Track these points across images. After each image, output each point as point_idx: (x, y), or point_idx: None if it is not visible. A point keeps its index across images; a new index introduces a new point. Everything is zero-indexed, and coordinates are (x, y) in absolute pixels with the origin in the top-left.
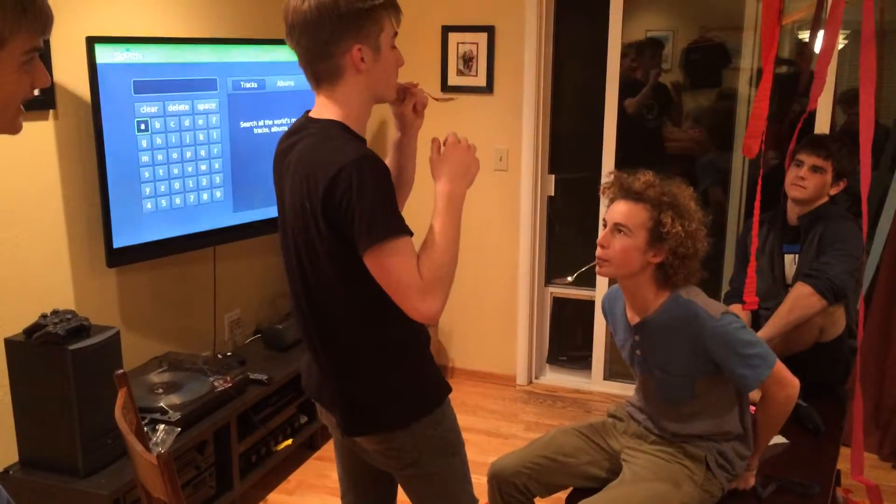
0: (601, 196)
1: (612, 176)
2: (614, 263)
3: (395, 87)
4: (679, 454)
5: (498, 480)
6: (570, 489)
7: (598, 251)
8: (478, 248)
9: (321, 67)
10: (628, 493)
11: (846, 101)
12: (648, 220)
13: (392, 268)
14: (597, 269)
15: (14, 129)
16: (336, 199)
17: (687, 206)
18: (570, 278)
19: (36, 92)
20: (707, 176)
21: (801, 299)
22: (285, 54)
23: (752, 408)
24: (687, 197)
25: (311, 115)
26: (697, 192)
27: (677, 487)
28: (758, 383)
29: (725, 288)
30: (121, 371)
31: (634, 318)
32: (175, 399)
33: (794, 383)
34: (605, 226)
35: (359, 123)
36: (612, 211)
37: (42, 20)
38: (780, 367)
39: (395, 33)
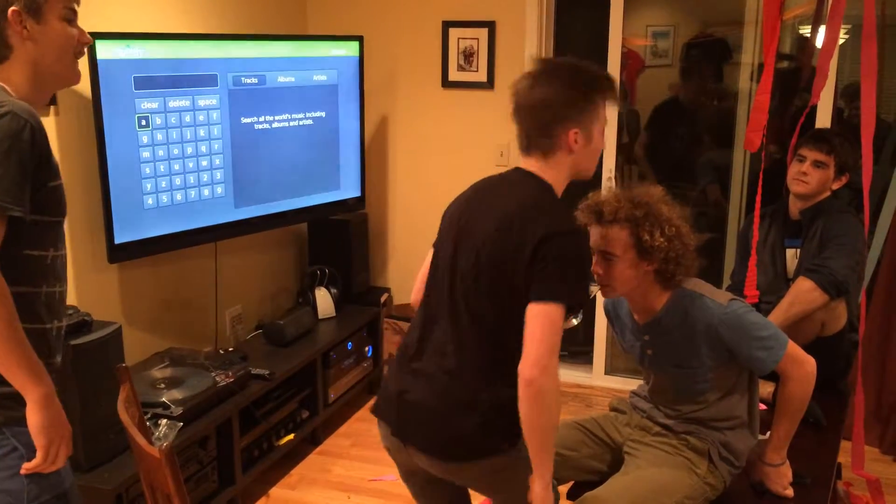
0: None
1: (581, 206)
2: (617, 287)
3: (595, 167)
4: (682, 446)
5: None
6: (572, 483)
7: (597, 278)
8: None
9: (539, 142)
10: (630, 484)
11: (847, 95)
12: (629, 237)
13: (540, 326)
14: (601, 294)
15: (76, 78)
16: (542, 251)
17: (661, 212)
18: (575, 321)
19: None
20: (706, 174)
21: (803, 294)
22: (286, 50)
23: (763, 405)
24: (658, 201)
25: (524, 167)
26: (697, 191)
27: (679, 479)
28: (774, 364)
29: (727, 282)
30: (122, 365)
31: (643, 319)
32: (177, 394)
33: (811, 360)
34: (593, 253)
35: (559, 191)
36: (594, 238)
37: None
38: (794, 346)
39: (606, 121)
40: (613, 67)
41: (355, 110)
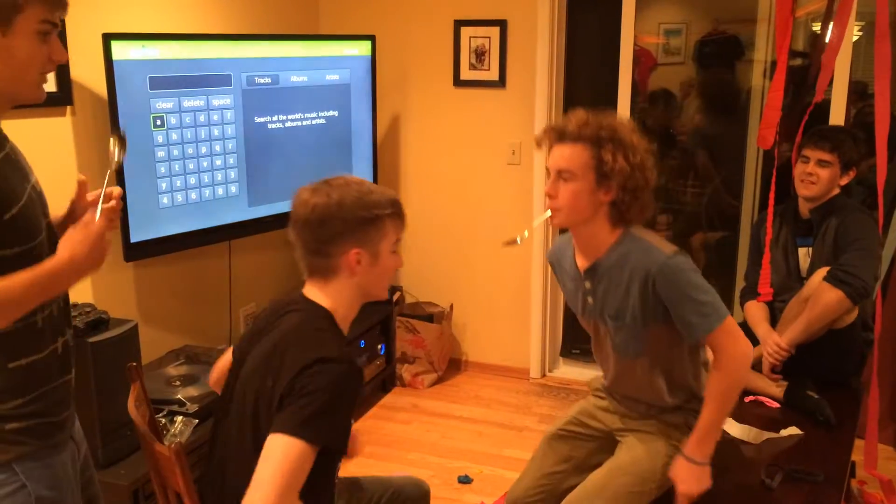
0: (537, 148)
1: (545, 126)
2: (565, 211)
3: (388, 287)
4: (662, 425)
5: None
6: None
7: (548, 202)
8: (490, 241)
9: (316, 262)
10: (605, 482)
11: (855, 93)
12: (591, 158)
13: (272, 463)
14: (550, 220)
15: (36, 97)
16: (293, 388)
17: (628, 138)
18: (518, 240)
19: (48, 92)
20: (696, 141)
21: (834, 305)
22: (299, 49)
23: (774, 403)
24: (627, 129)
25: (305, 293)
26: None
27: (657, 458)
28: (705, 333)
29: (740, 282)
30: (133, 364)
31: (584, 264)
32: (192, 391)
33: (748, 342)
34: (548, 175)
35: (345, 321)
36: (553, 157)
37: None
38: (733, 323)
39: (398, 240)
40: (625, 65)
41: (368, 109)
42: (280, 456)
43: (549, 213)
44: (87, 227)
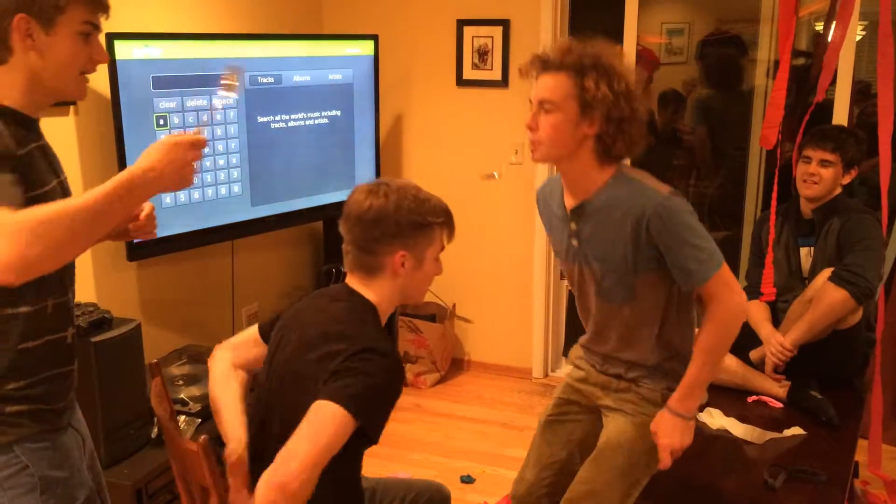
0: (521, 77)
1: (531, 56)
2: (546, 144)
3: (425, 293)
4: (640, 401)
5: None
6: None
7: (529, 136)
8: (493, 241)
9: (362, 259)
10: (593, 480)
11: (859, 92)
12: (573, 87)
13: (315, 426)
14: (531, 155)
15: (78, 94)
16: (342, 366)
17: (612, 64)
18: (496, 174)
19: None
20: (698, 115)
21: (839, 305)
22: (302, 49)
23: (777, 403)
24: (612, 55)
25: (349, 283)
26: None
27: (638, 445)
28: (703, 281)
29: (742, 282)
30: (154, 361)
31: (571, 204)
32: (195, 391)
33: (743, 293)
34: (531, 108)
35: (385, 315)
36: (535, 88)
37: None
38: (728, 270)
39: (443, 248)
40: (629, 64)
41: (370, 109)
42: (325, 419)
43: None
44: (172, 143)
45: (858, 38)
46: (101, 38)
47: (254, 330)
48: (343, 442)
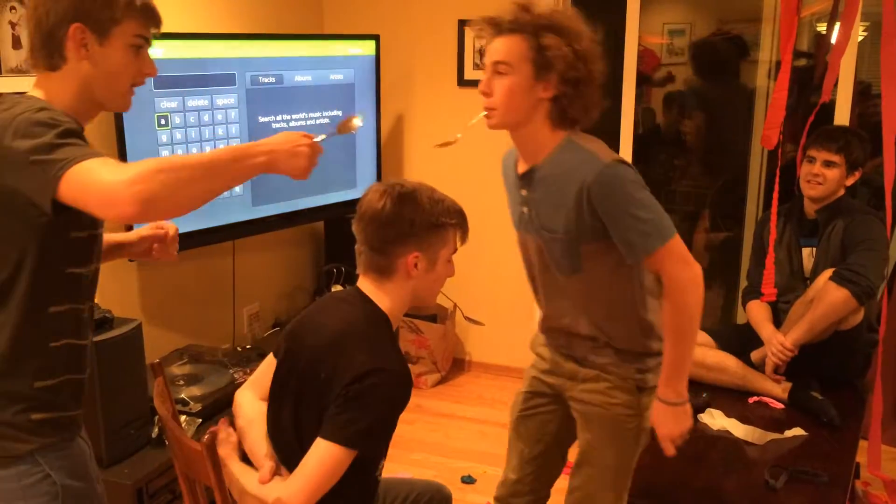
0: (477, 39)
1: (479, 19)
2: (501, 109)
3: (437, 295)
4: (610, 390)
5: None
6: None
7: (484, 101)
8: (495, 241)
9: (375, 259)
10: (592, 472)
11: (860, 93)
12: (529, 49)
13: (315, 464)
14: (487, 122)
15: (123, 107)
16: (348, 393)
17: (570, 25)
18: (459, 136)
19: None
20: (690, 103)
21: (840, 304)
22: (303, 49)
23: (779, 404)
24: (569, 16)
25: (361, 287)
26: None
27: (613, 452)
28: (645, 255)
29: (743, 282)
30: (157, 361)
31: (524, 167)
32: (196, 391)
33: (697, 266)
34: (486, 72)
35: (397, 320)
36: (489, 51)
37: (149, 13)
38: (679, 243)
39: (455, 250)
40: (630, 65)
41: (371, 109)
42: (326, 459)
43: (483, 113)
44: (291, 131)
45: (860, 38)
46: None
47: (269, 358)
48: (345, 468)
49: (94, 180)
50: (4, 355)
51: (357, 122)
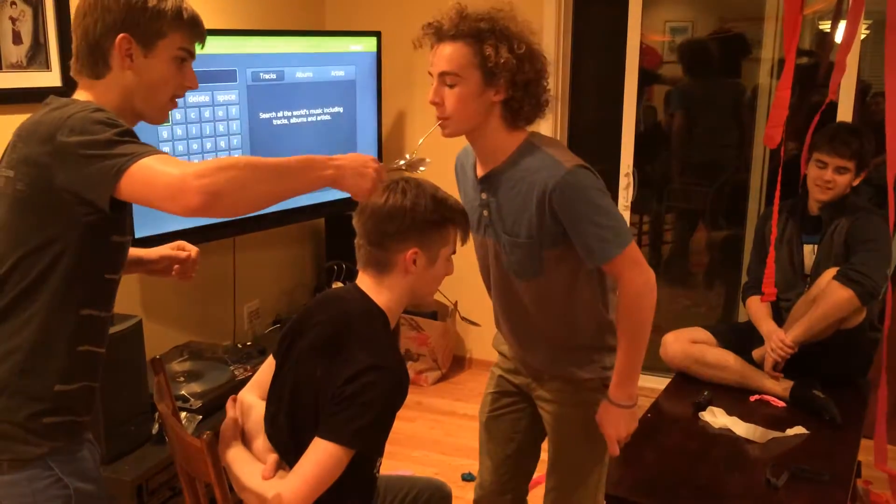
0: (415, 48)
1: (423, 26)
2: (455, 119)
3: (435, 293)
4: (576, 390)
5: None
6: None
7: (437, 111)
8: None
9: (374, 254)
10: (567, 470)
11: (860, 91)
12: (474, 56)
13: (313, 463)
14: (441, 132)
15: (160, 119)
16: (344, 392)
17: (507, 27)
18: (401, 162)
19: (54, 87)
20: (675, 102)
21: (843, 303)
22: (304, 45)
23: (781, 402)
24: (507, 17)
25: (359, 284)
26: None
27: (584, 451)
28: (604, 261)
29: (744, 277)
30: (157, 357)
31: (482, 172)
32: (196, 387)
33: (651, 271)
34: (432, 81)
35: (395, 317)
36: (434, 60)
37: (195, 27)
38: (636, 250)
39: (455, 251)
40: (632, 63)
41: (373, 106)
42: (324, 458)
43: (434, 127)
44: (361, 153)
45: (863, 36)
46: None
47: (269, 359)
48: (343, 467)
49: (160, 172)
50: (30, 351)
51: (422, 168)
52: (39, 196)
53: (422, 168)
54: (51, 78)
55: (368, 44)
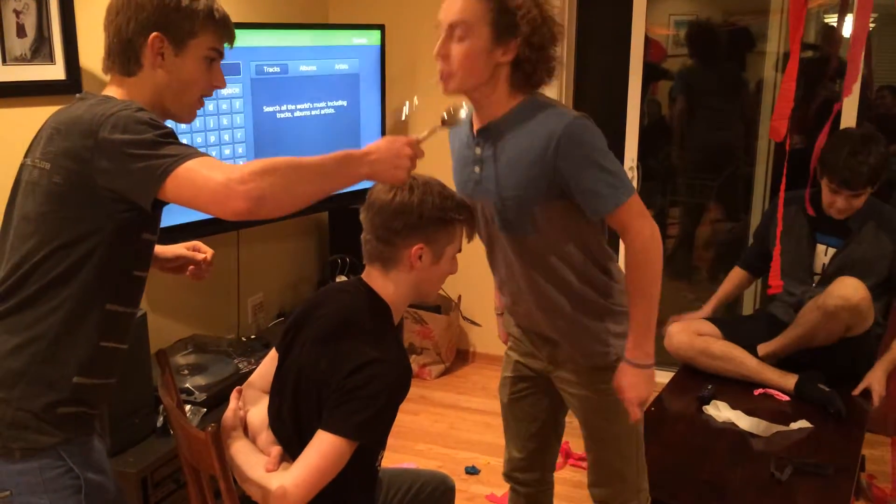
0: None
1: None
2: (459, 75)
3: (438, 290)
4: (591, 371)
5: (516, 481)
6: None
7: (439, 65)
8: None
9: (380, 249)
10: (606, 444)
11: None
12: (489, 11)
13: (317, 455)
14: (443, 88)
15: (187, 119)
16: (348, 385)
17: None
18: (404, 115)
19: (56, 80)
20: (681, 87)
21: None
22: (308, 39)
23: (784, 396)
24: None
25: (365, 278)
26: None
27: (616, 424)
28: (614, 207)
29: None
30: (161, 350)
31: (478, 125)
32: (201, 380)
33: (655, 224)
34: (440, 33)
35: (399, 311)
36: (443, 9)
37: (226, 27)
38: (640, 201)
39: (460, 248)
40: (636, 57)
41: (376, 99)
42: (327, 450)
43: (437, 126)
44: (393, 137)
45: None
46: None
47: (271, 352)
48: (347, 459)
49: (206, 177)
50: (54, 340)
51: (463, 113)
52: (77, 191)
53: (463, 112)
54: (55, 71)
55: (372, 37)
